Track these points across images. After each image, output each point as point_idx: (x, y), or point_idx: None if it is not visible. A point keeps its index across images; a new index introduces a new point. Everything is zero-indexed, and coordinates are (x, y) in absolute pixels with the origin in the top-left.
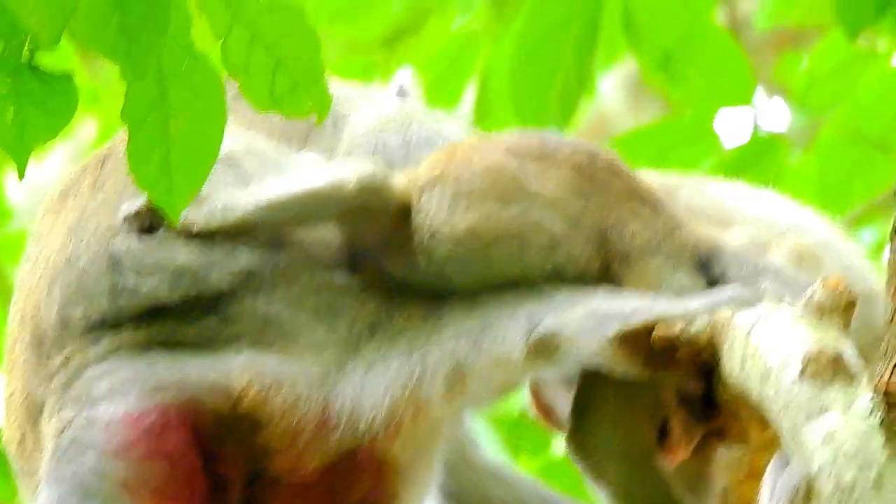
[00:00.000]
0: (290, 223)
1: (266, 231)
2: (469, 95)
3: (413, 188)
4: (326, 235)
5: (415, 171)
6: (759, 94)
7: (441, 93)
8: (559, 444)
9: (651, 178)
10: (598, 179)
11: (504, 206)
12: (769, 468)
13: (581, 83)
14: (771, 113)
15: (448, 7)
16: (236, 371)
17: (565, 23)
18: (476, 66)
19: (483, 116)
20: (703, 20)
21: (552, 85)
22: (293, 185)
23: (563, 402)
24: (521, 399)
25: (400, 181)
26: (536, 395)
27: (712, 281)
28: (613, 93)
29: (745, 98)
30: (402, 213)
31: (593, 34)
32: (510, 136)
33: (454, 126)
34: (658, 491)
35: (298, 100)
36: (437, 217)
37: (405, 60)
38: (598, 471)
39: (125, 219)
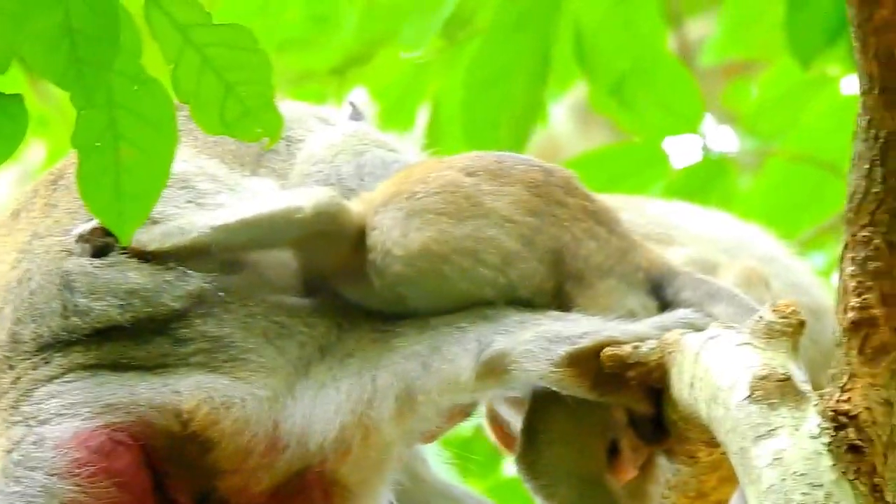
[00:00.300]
0: (244, 247)
1: (220, 253)
2: (421, 121)
3: (368, 210)
4: (278, 258)
5: (371, 194)
6: (709, 119)
7: (394, 120)
8: (509, 465)
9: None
10: (553, 198)
11: (458, 223)
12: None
13: (533, 112)
14: (720, 138)
15: (399, 37)
16: (186, 392)
17: (517, 53)
18: (427, 93)
19: (434, 142)
20: (655, 48)
21: (503, 114)
22: (249, 209)
23: (518, 424)
24: (471, 419)
25: (356, 207)
26: (493, 418)
27: (665, 303)
28: (563, 117)
29: (693, 126)
30: (358, 239)
31: (545, 64)
32: (465, 157)
33: (408, 149)
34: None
35: (249, 125)
36: (391, 235)
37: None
38: (548, 490)
39: (77, 240)
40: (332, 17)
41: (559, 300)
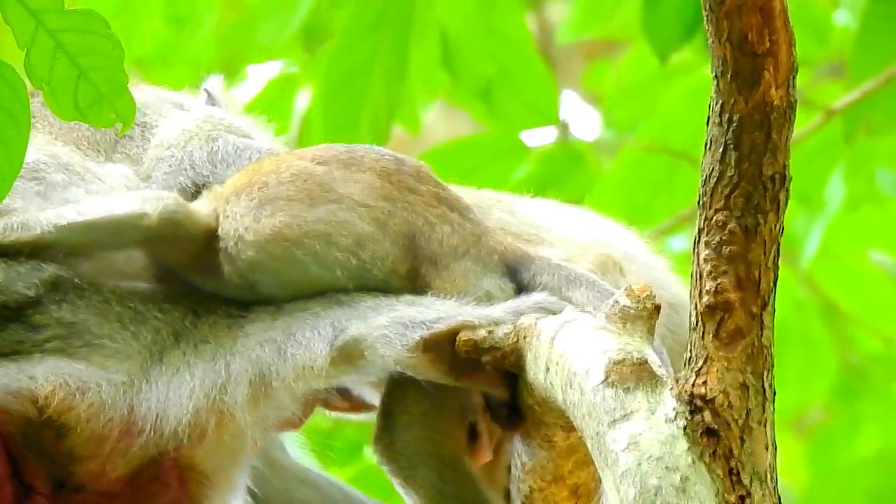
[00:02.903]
0: (87, 247)
1: (64, 252)
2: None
3: (219, 203)
4: (100, 242)
5: (221, 188)
6: (572, 100)
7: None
8: (371, 452)
9: (466, 195)
10: (406, 185)
11: (310, 208)
12: None
13: (391, 111)
14: (582, 120)
15: (261, 52)
16: (42, 377)
17: (374, 52)
18: (292, 105)
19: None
20: (522, 53)
21: (362, 112)
22: (93, 211)
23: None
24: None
25: (204, 207)
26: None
27: (521, 287)
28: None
29: (549, 118)
30: (208, 238)
31: (403, 64)
32: (316, 148)
33: (261, 135)
34: (469, 493)
35: (102, 110)
36: (243, 222)
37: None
38: (407, 473)
39: None
40: (192, 19)
41: (415, 284)
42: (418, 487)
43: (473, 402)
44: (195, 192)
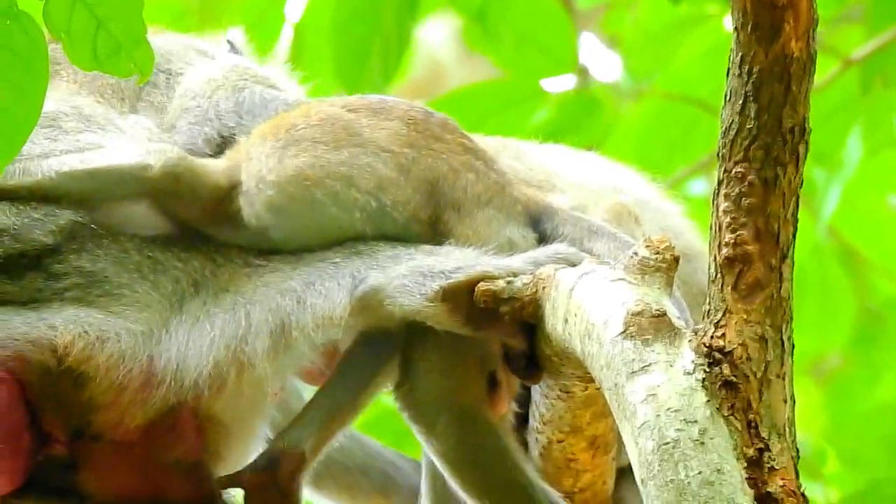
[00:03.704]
0: (89, 195)
1: (63, 199)
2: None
3: (239, 155)
4: (101, 190)
5: (247, 138)
6: (591, 43)
7: (254, 41)
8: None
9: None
10: (432, 133)
11: (334, 150)
12: None
13: (402, 43)
14: (601, 64)
15: None
16: (61, 326)
17: None
18: (284, 14)
19: (298, 67)
20: None
21: (373, 44)
22: (96, 160)
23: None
24: None
25: (219, 164)
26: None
27: (543, 238)
28: (445, 44)
29: (567, 66)
30: (216, 195)
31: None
32: (348, 97)
33: (288, 87)
34: (489, 442)
35: (121, 60)
36: (267, 163)
37: (219, 7)
38: (426, 421)
39: None
40: None
41: (437, 230)
42: (438, 435)
43: (493, 351)
44: (221, 142)
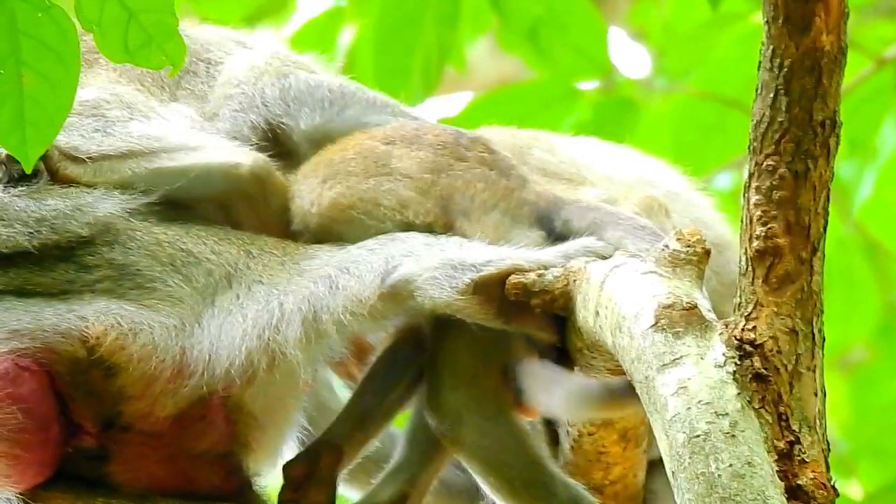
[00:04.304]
0: (174, 193)
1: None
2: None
3: (295, 182)
4: (185, 187)
5: (301, 169)
6: (619, 38)
7: None
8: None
9: (504, 136)
10: (457, 155)
11: (363, 180)
12: None
13: (443, 56)
14: (630, 58)
15: None
16: (92, 317)
17: (422, 4)
18: (338, 42)
19: None
20: None
21: (414, 58)
22: (186, 157)
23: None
24: None
25: (283, 179)
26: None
27: (555, 233)
28: (475, 44)
29: (602, 71)
30: (279, 208)
31: (455, 9)
32: (390, 127)
33: (328, 72)
34: (515, 443)
35: (152, 53)
36: (309, 198)
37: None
38: (455, 431)
39: None
40: None
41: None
42: (466, 443)
43: (516, 353)
44: (267, 130)
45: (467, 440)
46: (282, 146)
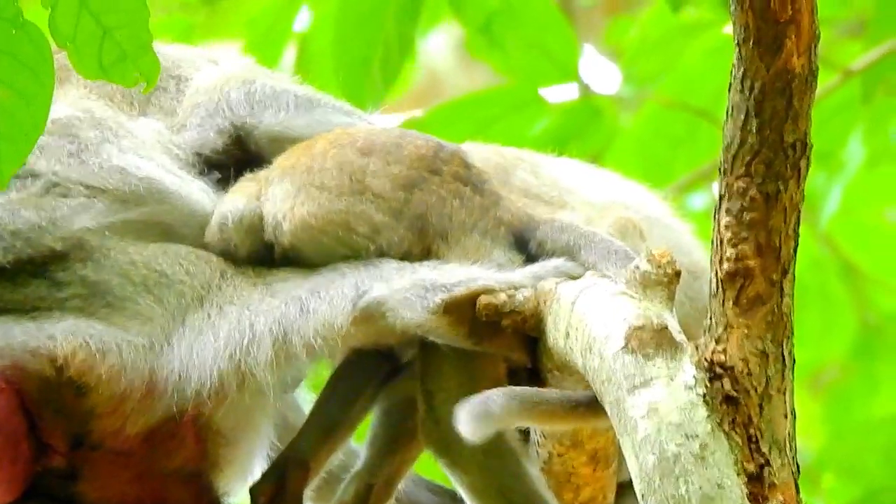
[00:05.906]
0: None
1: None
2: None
3: (262, 185)
4: (158, 210)
5: (267, 171)
6: (592, 54)
7: (260, 53)
8: None
9: (490, 154)
10: (432, 168)
11: (336, 198)
12: None
13: (403, 51)
14: (602, 75)
15: None
16: (61, 337)
17: None
18: (292, 28)
19: (303, 79)
20: None
21: (374, 52)
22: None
23: None
24: None
25: (251, 188)
26: None
27: (530, 254)
28: (445, 53)
29: (569, 73)
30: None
31: (415, 7)
32: (372, 132)
33: (296, 84)
34: (511, 466)
35: (126, 69)
36: (281, 208)
37: (226, 21)
38: (451, 452)
39: None
40: None
41: (430, 259)
42: (464, 465)
43: (501, 373)
44: (233, 132)
45: (469, 462)
46: (248, 149)
